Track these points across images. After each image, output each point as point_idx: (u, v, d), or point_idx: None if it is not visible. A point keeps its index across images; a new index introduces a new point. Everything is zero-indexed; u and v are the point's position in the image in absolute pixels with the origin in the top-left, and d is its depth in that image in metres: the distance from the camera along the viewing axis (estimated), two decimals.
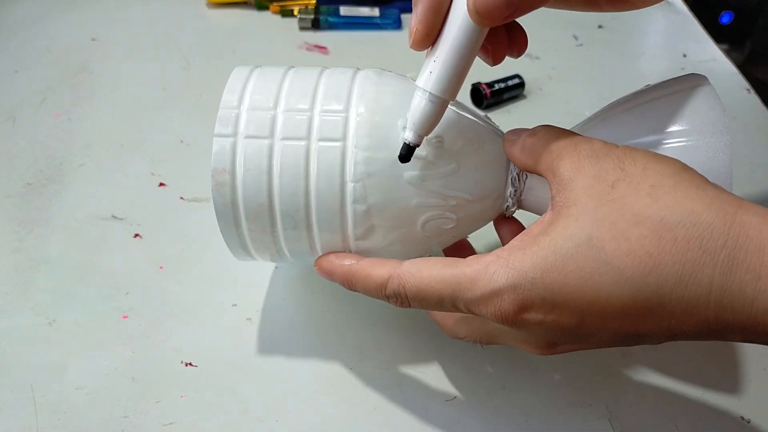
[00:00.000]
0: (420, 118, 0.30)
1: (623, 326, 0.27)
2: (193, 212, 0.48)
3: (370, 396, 0.38)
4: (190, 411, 0.37)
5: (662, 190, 0.26)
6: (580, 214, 0.27)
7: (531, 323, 0.28)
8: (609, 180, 0.27)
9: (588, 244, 0.26)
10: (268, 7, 0.70)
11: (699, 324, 0.25)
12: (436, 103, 0.30)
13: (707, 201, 0.25)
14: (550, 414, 0.37)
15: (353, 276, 0.33)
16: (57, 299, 0.42)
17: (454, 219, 0.33)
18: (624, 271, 0.25)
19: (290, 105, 0.32)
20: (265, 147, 0.32)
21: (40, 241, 0.46)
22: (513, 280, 0.27)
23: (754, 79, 0.64)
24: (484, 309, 0.28)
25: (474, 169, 0.33)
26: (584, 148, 0.29)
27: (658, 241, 0.25)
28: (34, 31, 0.66)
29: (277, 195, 0.32)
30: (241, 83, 0.34)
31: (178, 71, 0.62)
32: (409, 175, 0.32)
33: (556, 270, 0.27)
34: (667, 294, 0.25)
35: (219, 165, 0.32)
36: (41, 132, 0.54)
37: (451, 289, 0.29)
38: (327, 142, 0.32)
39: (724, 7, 1.28)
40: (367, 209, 0.32)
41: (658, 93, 0.34)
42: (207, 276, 0.44)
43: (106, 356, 0.39)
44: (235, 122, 0.32)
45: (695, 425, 0.36)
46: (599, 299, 0.26)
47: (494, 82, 0.57)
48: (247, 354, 0.39)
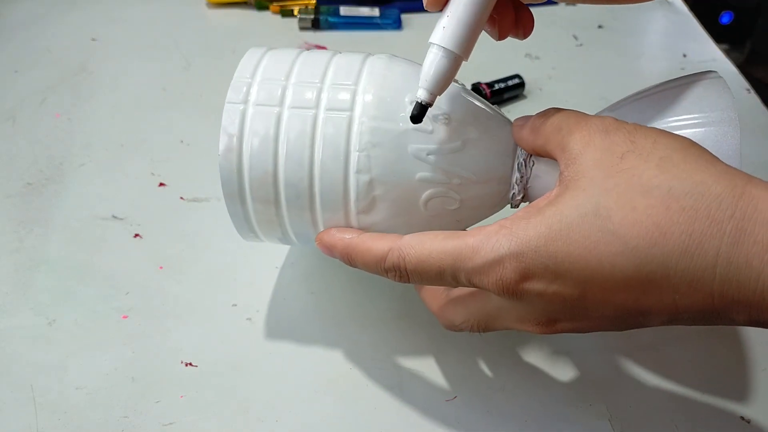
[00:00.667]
0: (434, 74, 0.30)
1: (626, 300, 0.26)
2: (193, 212, 0.48)
3: (370, 396, 0.38)
4: (190, 411, 0.37)
5: (671, 162, 0.26)
6: (588, 185, 0.27)
7: (532, 294, 0.27)
8: (618, 152, 0.27)
9: (595, 214, 0.26)
10: (268, 7, 0.70)
11: (703, 300, 0.25)
12: (450, 58, 0.29)
13: (716, 174, 0.25)
14: (550, 414, 0.37)
15: (353, 249, 0.32)
16: (57, 299, 0.42)
17: (458, 200, 0.33)
18: (630, 241, 0.25)
19: (301, 78, 0.33)
20: (273, 114, 0.32)
21: (40, 241, 0.46)
22: (516, 248, 0.27)
23: (754, 79, 0.64)
24: (485, 278, 0.28)
25: (480, 149, 0.33)
26: (595, 123, 0.29)
27: (665, 211, 0.25)
28: (34, 31, 0.66)
29: (282, 163, 0.32)
30: (256, 59, 0.34)
31: (178, 71, 0.62)
32: (414, 147, 0.32)
33: (560, 239, 0.26)
34: (672, 265, 0.25)
35: (228, 130, 0.33)
36: (41, 132, 0.54)
37: (452, 259, 0.29)
38: (335, 112, 0.32)
39: (724, 7, 1.28)
40: (370, 180, 0.32)
41: (667, 84, 0.34)
42: (207, 276, 0.44)
43: (106, 356, 0.39)
44: (247, 91, 0.33)
45: (695, 425, 0.36)
46: (603, 269, 0.26)
47: (494, 82, 0.57)
48: (247, 354, 0.39)
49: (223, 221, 0.47)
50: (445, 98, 0.33)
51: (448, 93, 0.33)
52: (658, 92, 0.34)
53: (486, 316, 0.32)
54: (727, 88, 0.32)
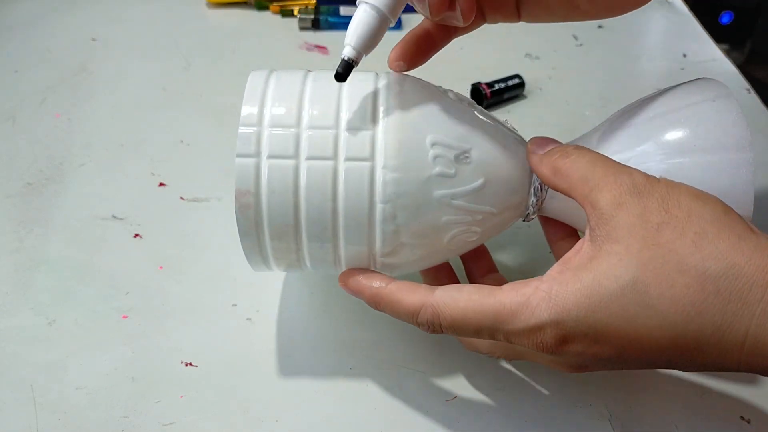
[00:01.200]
0: (361, 32, 0.29)
1: (659, 360, 0.28)
2: (193, 212, 0.48)
3: (370, 396, 0.38)
4: (190, 411, 0.37)
5: (706, 239, 0.27)
6: (624, 254, 0.27)
7: (570, 353, 0.29)
8: (653, 221, 0.27)
9: (633, 287, 0.27)
10: (268, 7, 0.70)
11: (730, 365, 0.27)
12: (377, 17, 0.29)
13: (748, 253, 0.26)
14: (550, 414, 0.37)
15: (381, 299, 0.33)
16: (57, 299, 0.42)
17: (479, 232, 0.33)
18: (668, 317, 0.27)
19: (313, 121, 0.31)
20: (290, 167, 0.31)
21: (40, 241, 0.46)
22: (556, 317, 0.28)
23: (754, 79, 0.64)
24: (525, 340, 0.29)
25: (499, 182, 0.33)
26: (625, 182, 0.29)
27: (701, 291, 0.26)
28: (34, 31, 0.66)
29: (304, 215, 0.31)
30: (259, 93, 0.32)
31: (178, 71, 0.62)
32: (438, 194, 0.31)
33: (600, 310, 0.27)
34: (705, 340, 0.26)
35: (242, 186, 0.31)
36: (41, 132, 0.54)
37: (490, 320, 0.29)
38: (354, 162, 0.31)
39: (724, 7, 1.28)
40: (396, 229, 0.31)
41: (678, 102, 0.33)
42: (207, 276, 0.44)
43: (106, 356, 0.39)
44: (257, 141, 0.31)
45: (695, 425, 0.36)
46: (641, 338, 0.27)
47: (494, 82, 0.57)
48: (247, 354, 0.39)
49: (223, 221, 0.47)
50: (464, 131, 0.32)
51: (467, 127, 0.32)
52: (669, 112, 0.33)
53: (514, 352, 0.33)
54: (740, 110, 0.32)
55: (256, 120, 0.32)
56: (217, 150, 0.52)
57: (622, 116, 0.35)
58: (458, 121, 0.32)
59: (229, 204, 0.48)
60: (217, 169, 0.51)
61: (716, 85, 0.33)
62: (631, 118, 0.34)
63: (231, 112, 0.57)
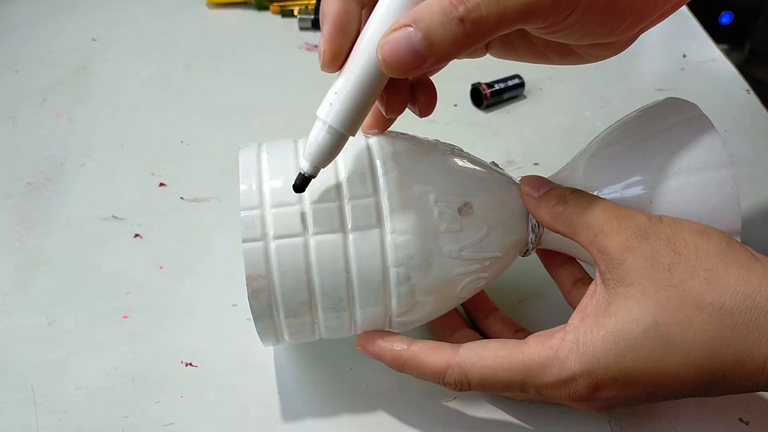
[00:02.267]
0: (318, 150, 0.29)
1: (686, 391, 0.29)
2: (193, 212, 0.48)
3: (370, 396, 0.38)
4: (190, 411, 0.37)
5: (717, 275, 0.28)
6: (641, 297, 0.29)
7: (602, 399, 0.30)
8: (664, 263, 0.29)
9: (655, 329, 0.28)
10: (268, 7, 0.70)
11: (752, 387, 0.29)
12: (335, 136, 0.29)
13: (757, 283, 0.28)
14: (549, 414, 0.37)
15: (405, 362, 0.33)
16: (57, 299, 0.42)
17: (487, 277, 0.34)
18: (691, 354, 0.28)
19: (315, 196, 0.31)
20: (299, 245, 0.31)
21: (40, 241, 0.46)
22: (586, 367, 0.29)
23: (754, 79, 0.64)
24: (557, 392, 0.30)
25: (501, 227, 0.33)
26: (630, 226, 0.30)
27: (720, 327, 0.27)
28: (34, 31, 0.66)
29: (318, 290, 0.31)
30: (254, 170, 0.32)
31: (178, 71, 0.62)
32: (448, 249, 0.32)
33: (627, 355, 0.28)
34: (728, 370, 0.28)
35: (253, 271, 0.31)
36: (41, 132, 0.54)
37: (520, 376, 0.30)
38: (362, 231, 0.31)
39: (724, 7, 1.28)
40: (411, 289, 0.32)
41: (654, 127, 0.34)
42: (207, 276, 0.44)
43: (106, 356, 0.39)
44: (262, 223, 0.31)
45: (694, 427, 0.36)
46: (668, 377, 0.28)
47: (494, 82, 0.57)
48: (247, 354, 0.39)
49: (223, 221, 0.47)
50: (462, 182, 0.33)
51: (464, 178, 0.33)
52: (647, 139, 0.34)
53: (540, 399, 0.34)
54: (715, 129, 0.33)
55: (257, 202, 0.31)
56: (217, 150, 0.52)
57: (601, 148, 0.36)
58: (455, 174, 0.33)
59: (229, 204, 0.48)
60: (217, 169, 0.51)
61: (688, 106, 0.34)
62: (612, 147, 0.35)
63: (231, 112, 0.57)
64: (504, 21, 0.26)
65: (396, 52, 0.26)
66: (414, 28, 0.26)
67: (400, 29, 0.26)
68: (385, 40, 0.26)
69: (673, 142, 0.33)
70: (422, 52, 0.26)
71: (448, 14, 0.25)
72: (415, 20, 0.26)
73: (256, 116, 0.56)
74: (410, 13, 0.26)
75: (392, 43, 0.26)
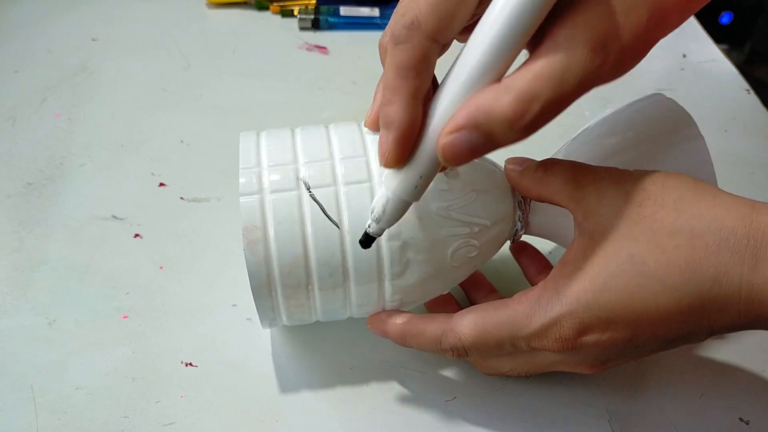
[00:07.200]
0: (387, 216, 0.29)
1: (670, 330, 0.29)
2: (193, 212, 0.48)
3: (370, 396, 0.38)
4: (190, 411, 0.37)
5: (685, 203, 0.29)
6: (616, 236, 0.29)
7: (589, 345, 0.30)
8: (635, 201, 0.29)
9: (630, 262, 0.28)
10: (268, 7, 0.70)
11: (732, 319, 0.28)
12: (403, 206, 0.29)
13: (725, 207, 0.28)
14: (550, 414, 0.37)
15: (405, 333, 0.34)
16: (57, 299, 0.42)
17: (477, 246, 0.34)
18: (666, 280, 0.28)
19: (309, 158, 0.33)
20: (294, 197, 0.32)
21: (40, 241, 0.46)
22: (568, 307, 0.29)
23: (754, 79, 0.64)
24: (544, 340, 0.30)
25: (488, 195, 0.34)
26: (604, 177, 0.31)
27: (692, 249, 0.28)
28: (34, 31, 0.66)
29: (312, 243, 0.32)
30: (254, 144, 0.34)
31: (178, 71, 0.62)
32: (436, 206, 0.33)
33: (606, 290, 0.29)
34: (705, 294, 0.28)
35: (249, 223, 0.32)
36: (41, 132, 0.54)
37: (508, 330, 0.31)
38: (354, 185, 0.32)
39: (724, 7, 1.28)
40: (402, 244, 0.32)
41: (622, 110, 0.36)
42: (207, 276, 0.44)
43: (106, 356, 0.39)
44: (258, 179, 0.32)
45: (694, 426, 0.36)
46: (648, 309, 0.28)
47: None
48: (247, 354, 0.40)
49: (223, 221, 0.47)
50: None
51: None
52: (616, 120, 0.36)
53: (535, 366, 0.34)
54: (676, 102, 0.34)
55: (255, 162, 0.33)
56: (217, 150, 0.52)
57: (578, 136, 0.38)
58: None
59: (229, 203, 0.48)
60: (217, 169, 0.51)
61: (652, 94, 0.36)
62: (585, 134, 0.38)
63: (231, 112, 0.57)
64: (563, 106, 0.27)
65: (456, 152, 0.26)
66: (476, 134, 0.25)
67: (459, 132, 0.26)
68: (443, 143, 0.26)
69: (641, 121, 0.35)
70: (481, 147, 0.26)
71: (513, 126, 0.25)
72: (476, 125, 0.25)
73: (256, 116, 0.56)
74: (471, 114, 0.25)
75: (453, 146, 0.26)
